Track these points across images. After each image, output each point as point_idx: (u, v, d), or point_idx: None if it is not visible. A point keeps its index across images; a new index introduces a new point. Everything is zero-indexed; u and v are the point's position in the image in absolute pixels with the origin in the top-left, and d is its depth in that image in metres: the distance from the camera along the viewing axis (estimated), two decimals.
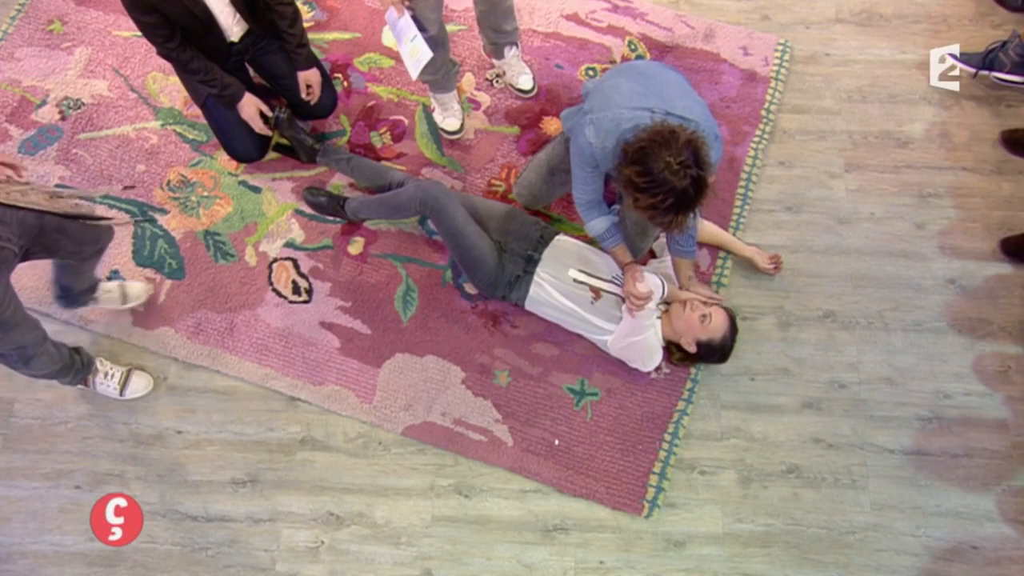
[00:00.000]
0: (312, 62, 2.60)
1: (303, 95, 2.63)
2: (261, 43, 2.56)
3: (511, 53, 2.78)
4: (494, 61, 2.87)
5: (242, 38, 2.51)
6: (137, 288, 2.55)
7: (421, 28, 2.30)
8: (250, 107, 2.54)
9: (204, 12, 2.30)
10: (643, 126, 1.92)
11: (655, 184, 1.84)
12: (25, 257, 1.94)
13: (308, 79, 2.61)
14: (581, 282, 2.40)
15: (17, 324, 1.99)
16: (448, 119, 2.77)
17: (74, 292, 2.36)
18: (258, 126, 2.58)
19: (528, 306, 2.48)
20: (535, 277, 2.42)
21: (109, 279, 2.58)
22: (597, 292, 2.39)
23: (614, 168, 1.99)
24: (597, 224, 2.30)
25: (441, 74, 2.60)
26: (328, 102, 2.76)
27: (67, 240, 2.03)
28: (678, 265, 2.42)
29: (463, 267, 2.47)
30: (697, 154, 1.85)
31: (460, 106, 2.79)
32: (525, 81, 2.85)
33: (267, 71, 2.66)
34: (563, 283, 2.40)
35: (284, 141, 2.77)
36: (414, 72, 2.35)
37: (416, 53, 2.30)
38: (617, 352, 2.41)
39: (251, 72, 2.70)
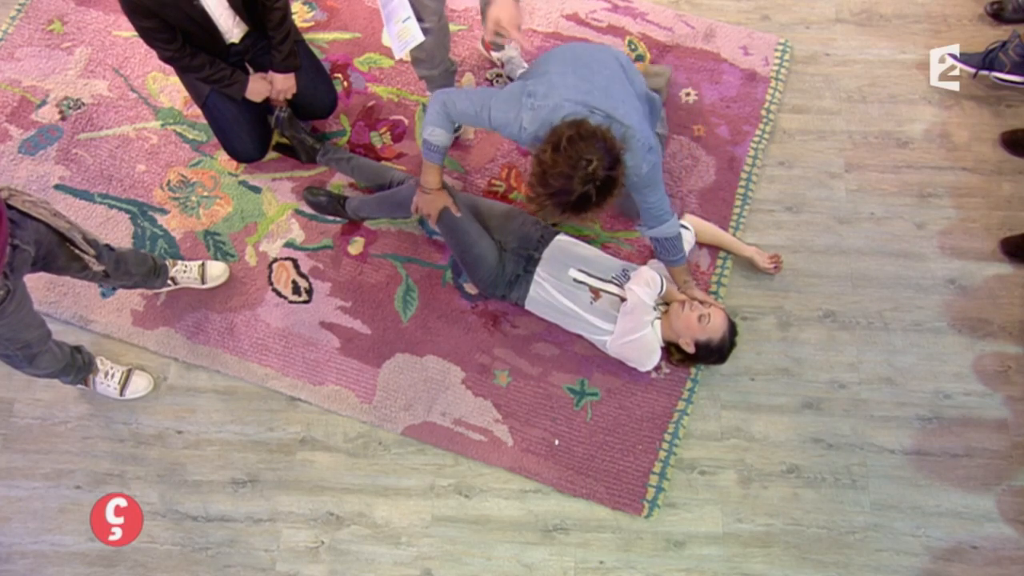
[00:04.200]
0: (290, 68, 2.54)
1: (271, 96, 2.60)
2: (261, 43, 2.55)
3: (512, 45, 2.78)
4: (492, 53, 2.87)
5: (242, 39, 2.51)
6: (217, 269, 2.60)
7: (418, 18, 2.30)
8: (256, 83, 2.54)
9: (202, 15, 2.30)
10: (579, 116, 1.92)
11: (561, 172, 1.82)
12: (33, 265, 1.98)
13: (277, 83, 2.55)
14: (581, 282, 2.40)
15: (29, 324, 2.04)
16: None
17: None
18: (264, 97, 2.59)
19: (528, 306, 2.48)
20: (535, 277, 2.42)
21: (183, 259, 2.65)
22: (597, 292, 2.39)
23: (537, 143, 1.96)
24: (441, 135, 2.17)
25: (439, 71, 2.59)
26: (328, 102, 2.76)
27: (60, 257, 2.08)
28: (673, 272, 2.42)
29: (463, 266, 2.47)
30: (609, 186, 1.85)
31: None
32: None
33: (267, 71, 2.65)
34: (563, 283, 2.40)
35: (284, 141, 2.78)
36: (398, 52, 2.29)
37: (406, 34, 2.26)
38: (616, 351, 2.41)
39: (251, 72, 2.70)
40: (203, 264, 2.58)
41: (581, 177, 1.82)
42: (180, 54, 2.36)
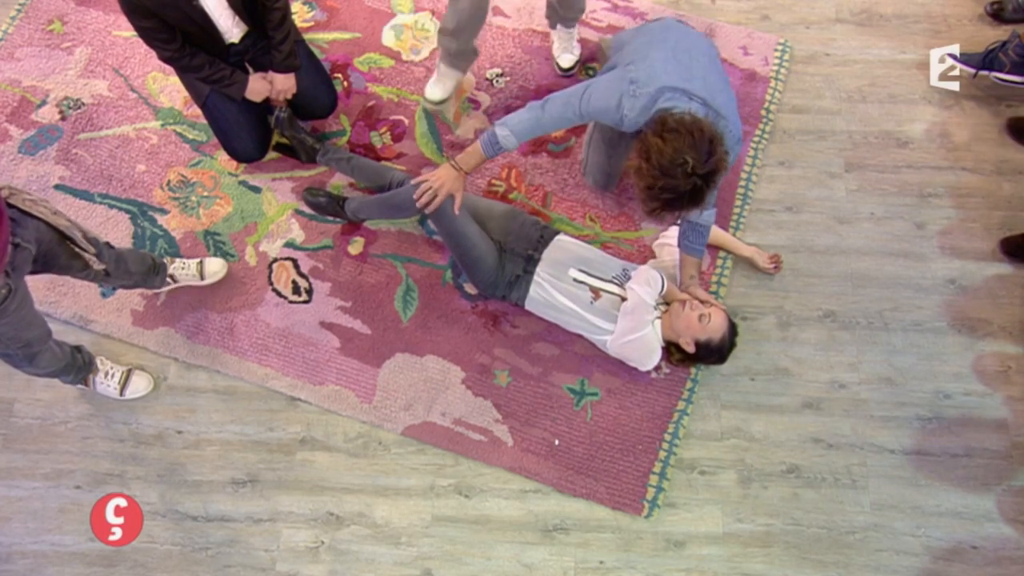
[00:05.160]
0: (290, 68, 2.55)
1: (271, 96, 2.60)
2: (261, 43, 2.55)
3: (564, 30, 2.82)
4: (549, 27, 2.90)
5: (242, 39, 2.51)
6: (215, 265, 2.60)
7: None
8: (256, 83, 2.54)
9: (202, 15, 2.30)
10: (682, 108, 1.97)
11: (664, 186, 1.89)
12: (34, 263, 1.99)
13: (277, 83, 2.56)
14: (581, 282, 2.40)
15: (30, 323, 2.04)
16: (435, 89, 2.77)
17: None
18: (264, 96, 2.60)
19: (528, 306, 2.48)
20: (535, 277, 2.42)
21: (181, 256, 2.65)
22: (597, 292, 2.39)
23: (643, 127, 2.01)
24: (512, 142, 2.23)
25: (458, 46, 2.60)
26: (328, 102, 2.77)
27: (61, 256, 2.08)
28: (684, 263, 2.42)
29: (463, 267, 2.47)
30: (713, 172, 1.90)
31: (453, 84, 2.78)
32: (567, 60, 2.87)
33: (267, 71, 2.65)
34: (563, 283, 2.40)
35: (284, 141, 2.78)
36: None
37: None
38: (616, 351, 2.41)
39: (251, 72, 2.70)
40: (201, 261, 2.59)
41: (683, 176, 1.87)
42: (180, 54, 2.36)
